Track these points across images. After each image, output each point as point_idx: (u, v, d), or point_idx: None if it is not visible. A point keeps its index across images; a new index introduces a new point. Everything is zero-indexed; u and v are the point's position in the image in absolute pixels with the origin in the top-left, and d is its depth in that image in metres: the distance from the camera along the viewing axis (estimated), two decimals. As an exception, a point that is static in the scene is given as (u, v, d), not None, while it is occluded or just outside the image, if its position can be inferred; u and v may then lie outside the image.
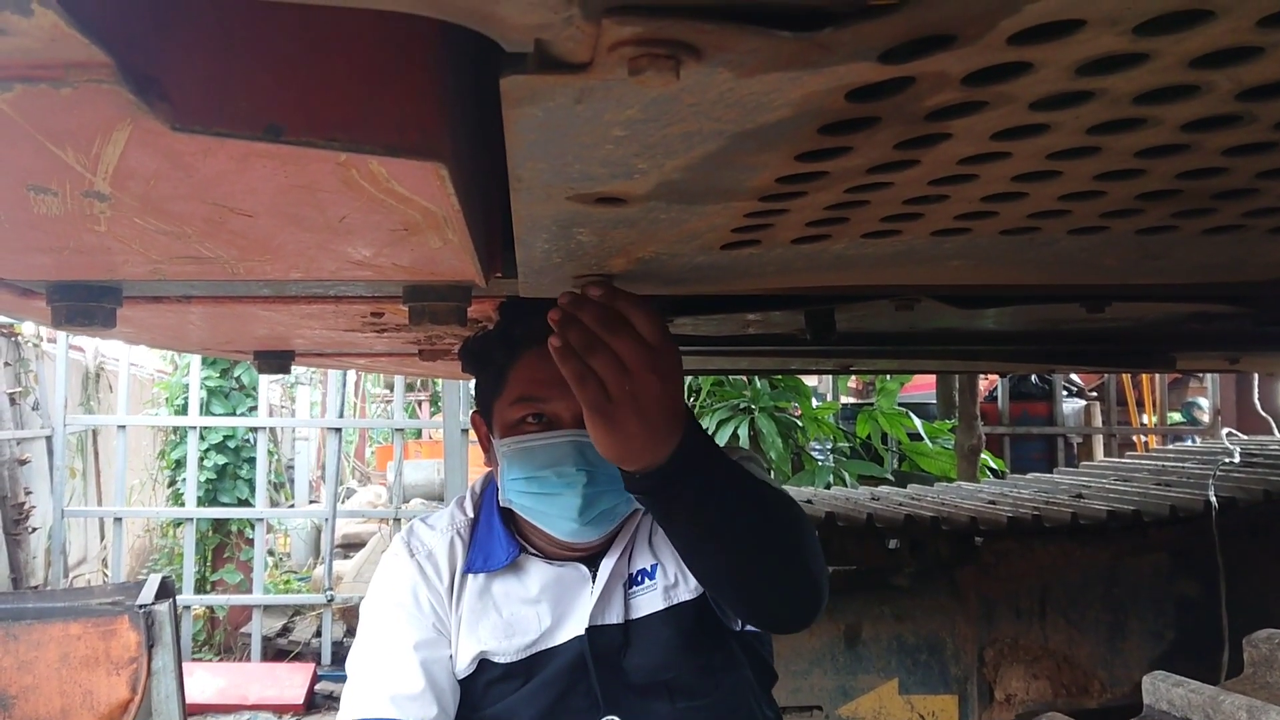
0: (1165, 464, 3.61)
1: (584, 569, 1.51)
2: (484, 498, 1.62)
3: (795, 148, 0.63)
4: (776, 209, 0.79)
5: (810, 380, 6.90)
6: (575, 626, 1.50)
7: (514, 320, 1.44)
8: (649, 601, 1.52)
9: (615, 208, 0.74)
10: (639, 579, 1.53)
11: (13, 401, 6.13)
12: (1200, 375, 7.88)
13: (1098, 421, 7.21)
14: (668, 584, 1.52)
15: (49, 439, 6.39)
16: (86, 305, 1.10)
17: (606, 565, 1.51)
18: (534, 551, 1.53)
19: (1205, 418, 7.52)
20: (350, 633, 6.67)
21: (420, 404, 13.18)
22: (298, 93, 0.55)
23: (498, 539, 1.54)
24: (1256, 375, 5.05)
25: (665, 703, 1.50)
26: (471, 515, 1.61)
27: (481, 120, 0.79)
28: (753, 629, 1.57)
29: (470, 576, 1.54)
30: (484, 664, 1.51)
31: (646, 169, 0.65)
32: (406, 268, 0.99)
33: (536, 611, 1.51)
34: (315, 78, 0.55)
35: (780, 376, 5.82)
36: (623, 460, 1.13)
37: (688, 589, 1.52)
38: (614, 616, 1.51)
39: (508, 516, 1.55)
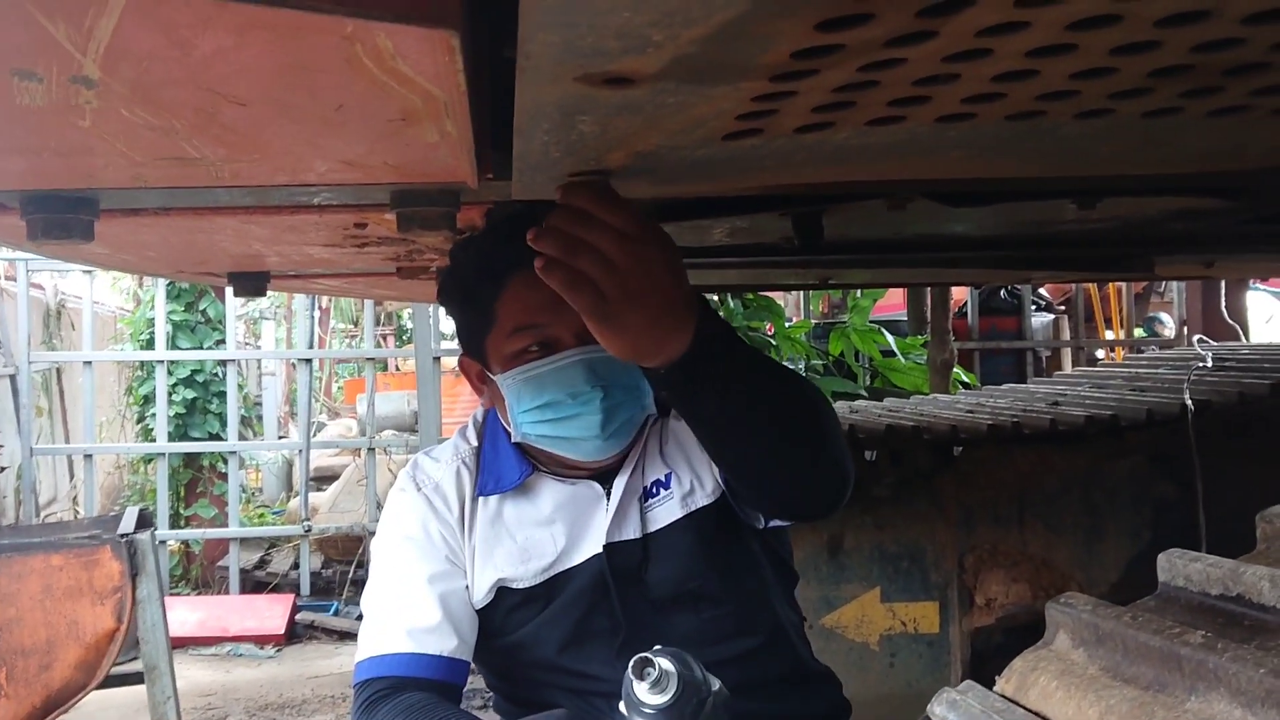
0: (1139, 370, 3.65)
1: (597, 486, 1.50)
2: (486, 424, 1.59)
3: (818, 13, 0.61)
4: (785, 91, 0.77)
5: (780, 302, 6.90)
6: (592, 545, 1.49)
7: (491, 250, 1.40)
8: (667, 512, 1.50)
9: (623, 89, 0.72)
10: (654, 490, 1.51)
11: (-26, 340, 6.03)
12: (1162, 290, 7.95)
13: (1065, 335, 7.28)
14: (684, 492, 1.51)
15: (13, 378, 6.30)
16: (63, 217, 1.07)
17: (620, 480, 1.49)
18: (545, 470, 1.52)
19: (1168, 331, 7.61)
20: (327, 564, 6.69)
21: (385, 338, 13.09)
22: (303, -45, 0.52)
23: (506, 460, 1.52)
24: (1224, 282, 5.11)
25: (689, 614, 1.49)
26: (475, 443, 1.58)
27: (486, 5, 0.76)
28: (774, 526, 1.57)
29: (481, 502, 1.52)
30: (502, 591, 1.50)
31: (662, 41, 0.63)
32: (397, 168, 0.96)
33: (551, 533, 1.50)
34: (321, -61, 0.52)
35: (752, 296, 5.81)
36: (639, 357, 1.12)
37: (704, 494, 1.51)
38: (631, 531, 1.49)
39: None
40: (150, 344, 6.57)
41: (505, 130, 0.88)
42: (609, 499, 1.49)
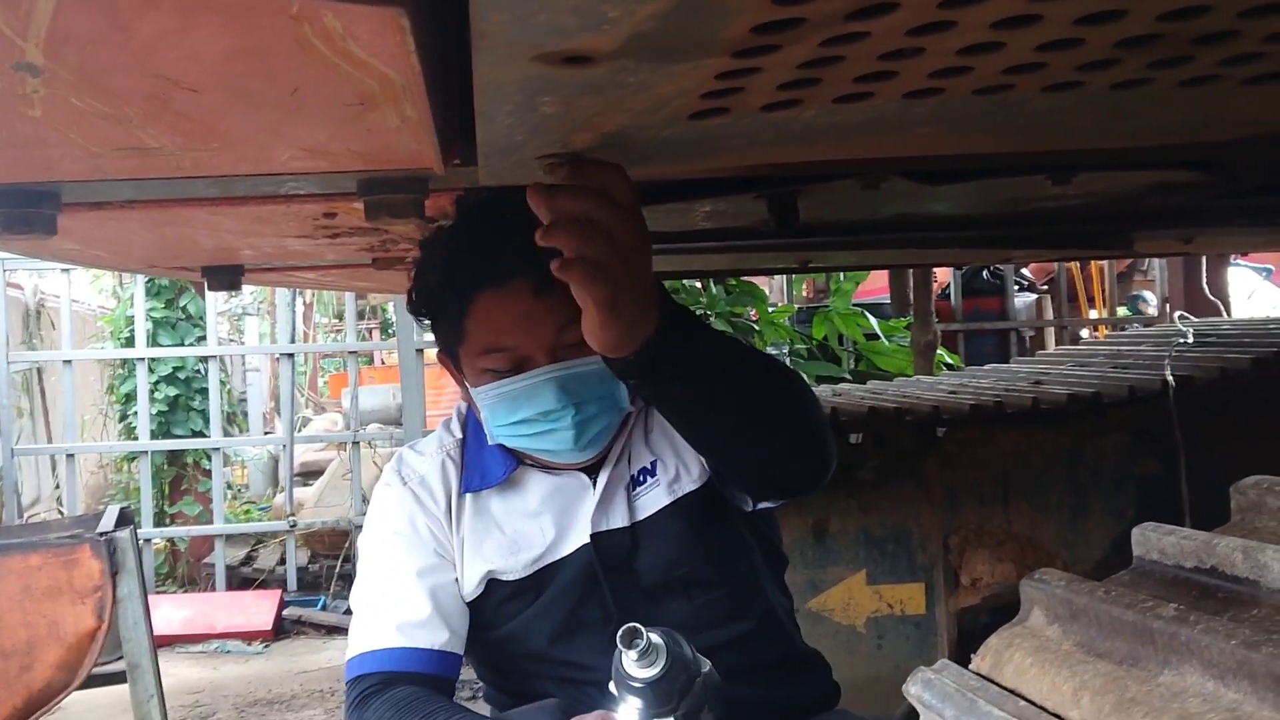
0: (1121, 348, 3.66)
1: (584, 477, 1.49)
2: (470, 416, 1.58)
3: (775, -16, 0.60)
4: (749, 67, 0.76)
5: (763, 288, 6.90)
6: (580, 535, 1.48)
7: (456, 267, 1.38)
8: (654, 499, 1.50)
9: (582, 69, 0.71)
10: (640, 478, 1.50)
11: (-48, 342, 5.98)
12: (1145, 269, 7.98)
13: (1049, 315, 7.29)
14: (670, 478, 1.50)
15: (-8, 379, 6.26)
16: (24, 211, 1.05)
17: (605, 471, 1.48)
18: (531, 463, 1.51)
19: (1151, 310, 7.63)
20: (314, 559, 6.67)
21: (370, 332, 13.05)
22: (244, -67, 0.51)
23: (491, 455, 1.51)
24: (1205, 259, 5.12)
25: (681, 600, 1.48)
26: (460, 435, 1.57)
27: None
28: (762, 509, 1.56)
29: (469, 496, 1.51)
30: (492, 584, 1.49)
31: (618, 17, 0.62)
32: (361, 154, 0.95)
33: (539, 524, 1.49)
34: (262, -85, 0.51)
35: (735, 281, 5.80)
36: (620, 344, 1.10)
37: (690, 479, 1.50)
38: (618, 520, 1.49)
39: None
40: (131, 342, 6.53)
41: (471, 114, 0.87)
42: (595, 489, 1.48)
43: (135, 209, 1.21)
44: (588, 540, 1.47)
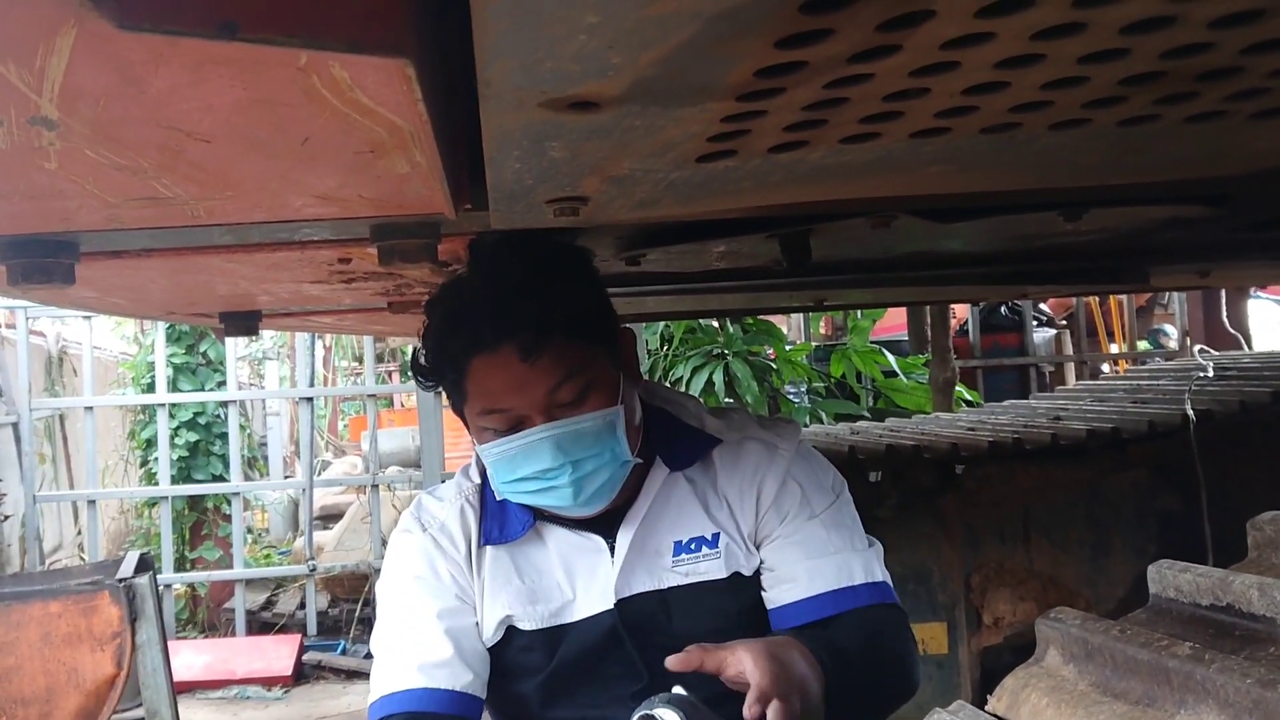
0: (1140, 383, 3.63)
1: (598, 540, 1.47)
2: None
3: (774, 31, 0.61)
4: (754, 110, 0.77)
5: (780, 327, 6.90)
6: (600, 599, 1.47)
7: (450, 334, 1.38)
8: (710, 568, 1.48)
9: (588, 114, 0.72)
10: (694, 546, 1.49)
11: (-25, 390, 6.03)
12: (1165, 302, 7.94)
13: (1068, 350, 7.26)
14: (729, 555, 1.49)
15: (15, 425, 6.30)
16: (43, 261, 1.07)
17: (625, 534, 1.47)
18: (548, 517, 1.50)
19: (1172, 344, 7.59)
20: (334, 603, 6.66)
21: (390, 374, 13.08)
22: (252, -12, 0.52)
23: (510, 509, 1.50)
24: (1224, 292, 5.09)
25: None
26: (478, 481, 1.56)
27: (451, 34, 0.76)
28: None
29: (488, 547, 1.51)
30: (511, 630, 1.48)
31: (621, 64, 0.63)
32: (373, 200, 0.96)
33: (558, 580, 1.48)
34: (270, -29, 0.52)
35: (752, 320, 5.81)
36: None
37: (746, 566, 1.49)
38: (644, 584, 1.47)
39: None
40: (152, 387, 6.57)
41: (482, 159, 0.88)
42: (613, 554, 1.47)
43: (152, 257, 1.22)
44: (611, 606, 1.46)
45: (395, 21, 0.54)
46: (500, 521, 1.51)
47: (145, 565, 2.58)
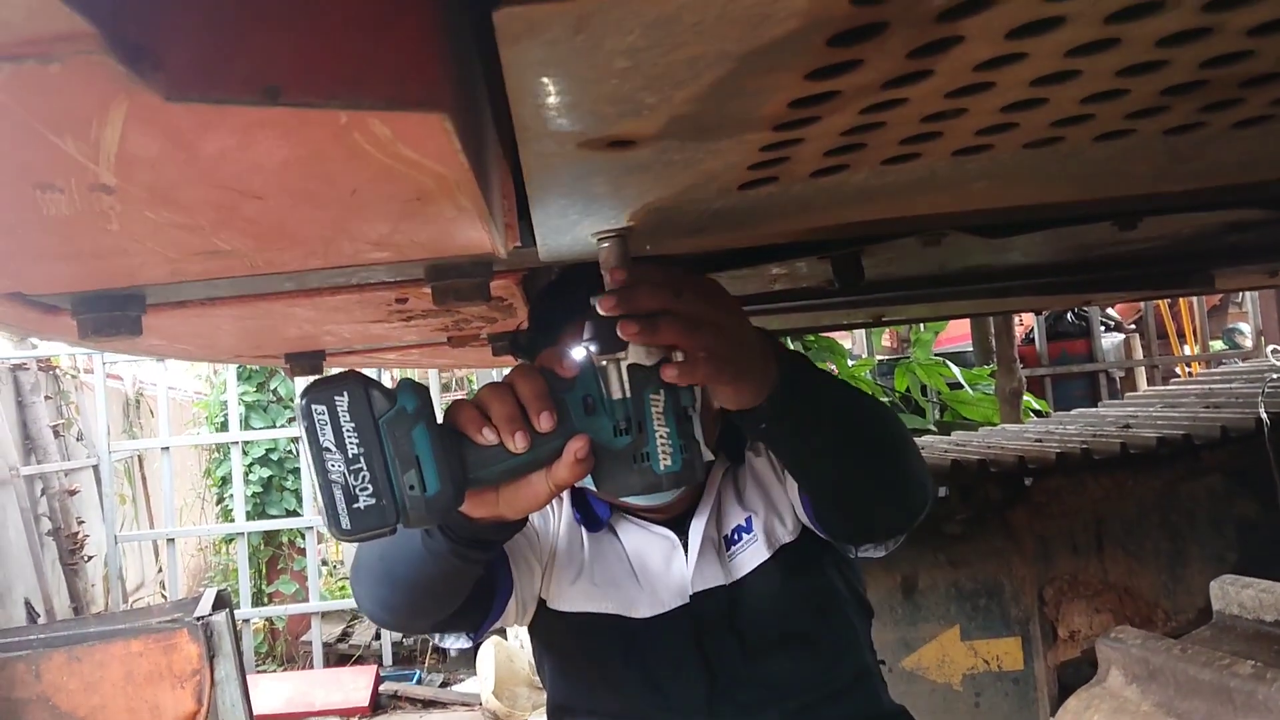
0: (1212, 387, 3.55)
1: (672, 536, 1.50)
2: None
3: (805, 64, 0.61)
4: (792, 138, 0.77)
5: (844, 341, 6.86)
6: (674, 595, 1.48)
7: (549, 305, 1.43)
8: (753, 555, 1.50)
9: (627, 151, 0.73)
10: (735, 537, 1.51)
11: (56, 434, 6.20)
12: (1239, 300, 7.77)
13: (1138, 354, 7.12)
14: (766, 532, 1.50)
15: (96, 468, 6.47)
16: (111, 315, 1.10)
17: (697, 528, 1.49)
18: (622, 512, 1.52)
19: (1248, 342, 7.41)
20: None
21: (457, 402, 13.19)
22: (293, 52, 0.54)
23: (591, 499, 1.54)
24: (1297, 289, 4.96)
25: (781, 656, 1.48)
26: None
27: (488, 78, 0.78)
28: (863, 555, 1.55)
29: (568, 523, 1.54)
30: (580, 616, 1.51)
31: (655, 103, 0.64)
32: (425, 244, 0.98)
33: (630, 574, 1.51)
34: (310, 34, 0.54)
35: (813, 337, 5.78)
36: (753, 398, 1.10)
37: (786, 531, 1.51)
38: (715, 579, 1.49)
39: None
40: (225, 426, 6.71)
41: (527, 197, 0.89)
42: (686, 549, 1.49)
43: (216, 305, 1.26)
44: (686, 600, 1.48)
45: (431, 77, 0.56)
46: (584, 510, 1.54)
47: (222, 602, 2.64)
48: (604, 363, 1.02)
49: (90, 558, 6.32)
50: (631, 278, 1.00)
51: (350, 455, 0.96)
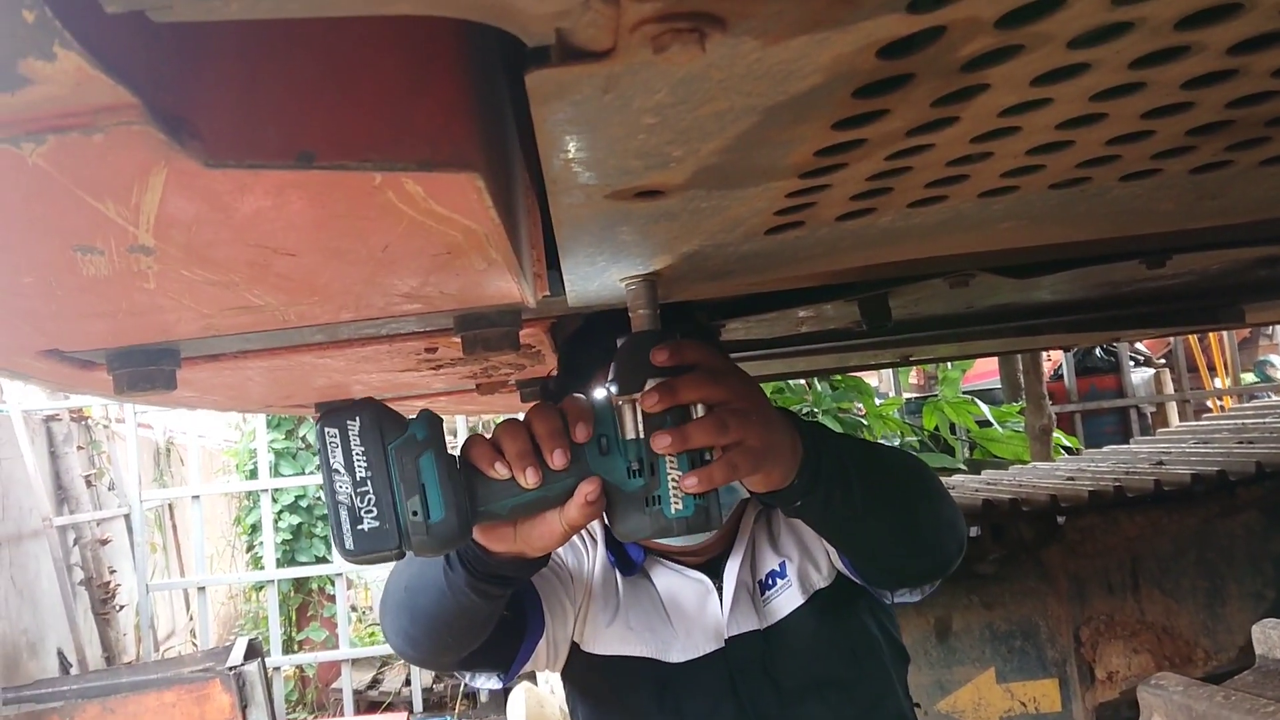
0: (1245, 421, 3.51)
1: (706, 580, 1.50)
2: None
3: (831, 116, 0.62)
4: (818, 185, 0.78)
5: (870, 380, 6.83)
6: (709, 639, 1.48)
7: (578, 351, 1.44)
8: (788, 600, 1.50)
9: (655, 201, 0.74)
10: (769, 582, 1.51)
11: (89, 484, 6.25)
12: (1269, 333, 7.70)
13: (1169, 389, 7.05)
14: (801, 577, 1.50)
15: (127, 517, 6.50)
16: (147, 370, 1.11)
17: (731, 572, 1.49)
18: (656, 555, 1.52)
19: (1279, 374, 7.34)
20: (438, 679, 6.69)
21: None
22: (327, 117, 0.55)
23: (627, 543, 1.54)
24: (1329, 321, 4.91)
25: (817, 702, 1.47)
26: None
27: (518, 130, 0.79)
28: (900, 601, 1.54)
29: (602, 565, 1.54)
30: (615, 660, 1.50)
31: (682, 156, 0.64)
32: (454, 295, 0.99)
33: (662, 618, 1.50)
34: (343, 100, 0.55)
35: (840, 377, 5.77)
36: (776, 484, 1.09)
37: (821, 577, 1.50)
38: (749, 624, 1.49)
39: None
40: (255, 473, 6.74)
41: (556, 247, 0.90)
42: (721, 594, 1.48)
43: (248, 358, 1.27)
44: (721, 645, 1.47)
45: (463, 137, 0.57)
46: (619, 551, 1.54)
47: (254, 651, 2.64)
48: (620, 404, 1.02)
49: (122, 607, 6.34)
50: (674, 355, 1.01)
51: (358, 478, 0.98)
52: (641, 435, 1.01)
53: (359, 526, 0.97)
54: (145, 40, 0.48)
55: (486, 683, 1.50)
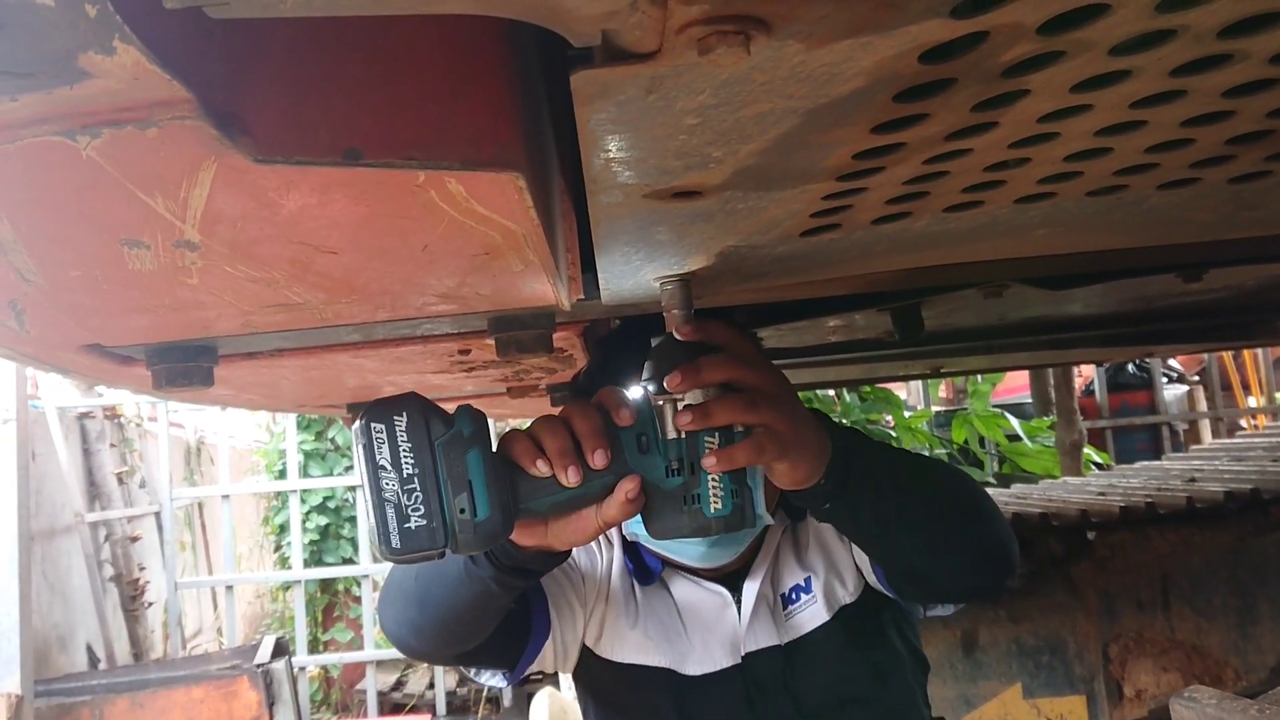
0: (1279, 440, 3.48)
1: (725, 593, 1.48)
2: None
3: (871, 119, 0.62)
4: (855, 188, 0.78)
5: (899, 392, 6.80)
6: (726, 654, 1.47)
7: (611, 351, 1.44)
8: (812, 616, 1.48)
9: (692, 201, 0.74)
10: (794, 596, 1.49)
11: (120, 481, 6.31)
12: (1305, 349, 7.60)
13: (1202, 406, 6.98)
14: (826, 593, 1.48)
15: (158, 515, 6.56)
16: (185, 366, 1.13)
17: (750, 586, 1.47)
18: (674, 567, 1.51)
19: (1315, 393, 7.25)
20: (462, 682, 6.70)
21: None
22: (373, 115, 0.56)
23: (643, 552, 1.53)
24: (1367, 340, 4.85)
25: (837, 718, 1.45)
26: None
27: (558, 133, 0.79)
28: (932, 614, 1.53)
29: (619, 574, 1.53)
30: (631, 668, 1.50)
31: (721, 157, 0.65)
32: (490, 297, 1.00)
33: (679, 630, 1.49)
34: (389, 99, 0.56)
35: (869, 389, 5.75)
36: (811, 476, 1.08)
37: (847, 593, 1.49)
38: (768, 639, 1.47)
39: None
40: (284, 474, 6.78)
41: (590, 250, 0.91)
42: (740, 608, 1.47)
43: (284, 357, 1.28)
44: (739, 660, 1.46)
45: (505, 138, 0.58)
46: (637, 560, 1.52)
47: (281, 650, 2.66)
48: (660, 402, 1.02)
49: (150, 604, 6.39)
50: (698, 330, 1.01)
51: (405, 475, 0.96)
52: (681, 434, 1.01)
53: (405, 525, 0.95)
54: (198, 38, 0.49)
55: (492, 680, 1.50)
